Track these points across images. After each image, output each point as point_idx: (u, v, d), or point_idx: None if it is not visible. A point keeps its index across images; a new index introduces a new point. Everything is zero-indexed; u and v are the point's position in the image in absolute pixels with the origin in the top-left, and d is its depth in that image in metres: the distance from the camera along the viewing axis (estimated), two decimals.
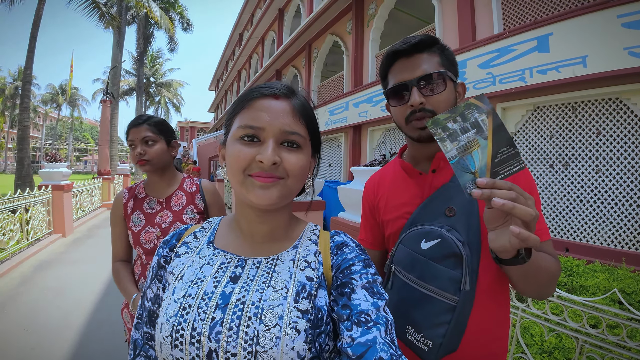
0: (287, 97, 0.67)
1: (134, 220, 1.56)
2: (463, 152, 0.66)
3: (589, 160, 4.33)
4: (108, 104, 14.95)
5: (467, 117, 0.66)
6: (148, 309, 0.71)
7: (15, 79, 42.46)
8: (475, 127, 0.65)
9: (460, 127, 0.66)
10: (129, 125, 1.57)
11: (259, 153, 0.60)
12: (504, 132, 0.65)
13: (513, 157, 0.65)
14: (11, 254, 5.31)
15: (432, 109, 0.89)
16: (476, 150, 0.65)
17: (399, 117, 0.95)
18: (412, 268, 0.90)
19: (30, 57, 10.50)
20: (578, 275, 3.13)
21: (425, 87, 0.89)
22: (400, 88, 0.92)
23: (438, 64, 0.91)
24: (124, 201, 1.60)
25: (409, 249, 0.92)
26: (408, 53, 0.92)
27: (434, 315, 0.84)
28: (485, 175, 0.66)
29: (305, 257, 0.68)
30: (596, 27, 3.92)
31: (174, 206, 1.60)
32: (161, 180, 1.63)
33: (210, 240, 0.74)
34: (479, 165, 0.66)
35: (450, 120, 0.67)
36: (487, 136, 0.65)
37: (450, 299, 0.83)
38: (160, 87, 37.14)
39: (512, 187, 0.63)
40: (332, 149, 11.27)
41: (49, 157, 8.25)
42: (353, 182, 4.01)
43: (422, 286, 0.87)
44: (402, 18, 9.60)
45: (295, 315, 0.57)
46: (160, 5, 21.15)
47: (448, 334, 0.82)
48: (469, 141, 0.66)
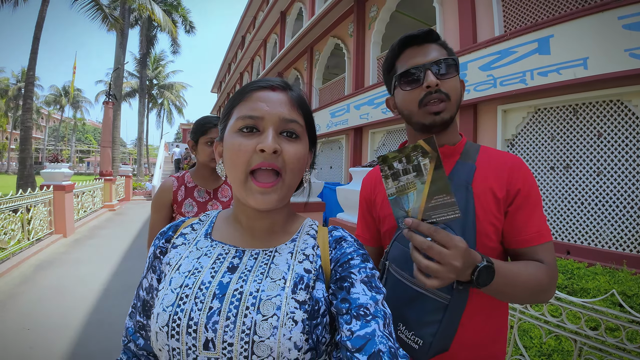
0: (283, 89, 0.68)
1: (187, 207, 1.72)
2: (400, 192, 0.69)
3: (590, 163, 4.31)
4: (110, 106, 14.97)
5: (412, 159, 0.67)
6: (142, 298, 0.71)
7: (19, 80, 42.68)
8: (417, 170, 0.67)
9: (403, 167, 0.68)
10: (210, 124, 1.71)
11: (260, 142, 0.60)
12: (442, 179, 0.66)
13: (449, 205, 0.66)
14: (12, 253, 5.31)
15: (446, 92, 0.88)
16: (412, 192, 0.68)
17: (411, 102, 0.92)
18: (405, 265, 0.88)
19: (34, 58, 10.52)
20: (579, 278, 3.11)
21: (439, 71, 0.89)
22: (414, 71, 0.90)
23: (446, 54, 0.92)
24: (174, 188, 1.73)
25: (403, 246, 0.90)
26: (419, 41, 0.92)
27: (425, 314, 0.83)
28: (417, 216, 0.69)
29: (304, 250, 0.68)
30: (597, 29, 3.92)
31: (221, 197, 1.80)
32: (212, 174, 1.79)
33: (208, 232, 0.74)
34: (413, 206, 0.69)
35: (396, 160, 0.69)
36: (425, 181, 0.67)
37: (442, 298, 0.81)
38: (163, 89, 37.23)
39: (433, 234, 0.65)
40: (333, 151, 11.28)
41: (51, 158, 8.27)
42: (351, 183, 4.00)
43: (415, 284, 0.85)
44: (403, 20, 9.61)
45: (293, 305, 0.58)
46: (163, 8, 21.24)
47: (438, 333, 0.81)
48: (407, 182, 0.68)
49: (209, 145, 1.70)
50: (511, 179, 0.89)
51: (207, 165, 1.74)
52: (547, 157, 4.79)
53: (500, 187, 0.88)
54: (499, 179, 0.89)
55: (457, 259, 0.65)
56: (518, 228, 0.87)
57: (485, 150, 0.97)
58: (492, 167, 0.91)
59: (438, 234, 0.65)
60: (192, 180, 1.78)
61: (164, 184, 1.75)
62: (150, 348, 0.70)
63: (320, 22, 10.94)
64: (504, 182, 0.89)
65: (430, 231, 0.65)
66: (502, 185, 0.88)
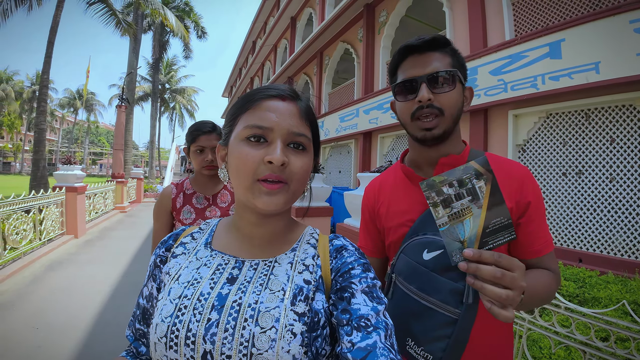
0: (293, 99, 0.67)
1: (185, 214, 1.72)
2: (455, 219, 0.64)
3: (603, 169, 4.23)
4: (123, 109, 15.21)
5: (465, 182, 0.63)
6: (142, 306, 0.71)
7: (33, 82, 43.61)
8: (471, 194, 0.63)
9: (455, 192, 0.64)
10: (199, 132, 1.69)
11: (267, 154, 0.60)
12: (500, 202, 0.62)
13: (505, 227, 0.63)
14: (23, 253, 5.42)
15: (440, 107, 0.87)
16: (468, 219, 0.63)
17: (405, 113, 0.92)
18: (413, 279, 0.87)
19: (48, 62, 10.74)
20: (590, 287, 3.05)
21: (435, 85, 0.87)
22: (410, 83, 0.89)
23: (449, 64, 0.89)
24: (172, 196, 1.75)
25: (410, 259, 0.89)
26: (421, 50, 0.90)
27: (434, 329, 0.81)
28: (474, 244, 0.64)
29: (304, 260, 0.67)
30: (608, 33, 3.86)
31: (220, 203, 1.78)
32: (211, 180, 1.79)
33: (208, 241, 0.73)
34: (469, 234, 0.64)
35: (445, 184, 0.64)
36: (482, 205, 0.62)
37: (451, 312, 0.80)
38: (175, 93, 37.72)
39: (498, 261, 0.61)
40: (342, 155, 11.27)
41: (64, 160, 8.41)
42: (359, 188, 3.99)
43: (423, 298, 0.84)
44: (413, 25, 9.59)
45: (292, 317, 0.57)
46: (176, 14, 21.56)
47: (449, 348, 0.80)
48: (462, 209, 0.63)
49: (199, 153, 1.70)
50: (522, 191, 0.87)
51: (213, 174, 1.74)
52: (558, 163, 4.72)
53: (510, 197, 0.86)
54: (509, 189, 0.87)
55: (523, 280, 0.62)
56: (530, 240, 0.87)
57: (491, 157, 0.94)
58: (500, 176, 0.87)
59: (502, 260, 0.62)
60: (191, 187, 1.79)
61: (163, 192, 1.78)
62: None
63: (330, 27, 10.96)
64: (513, 193, 0.87)
65: (494, 259, 0.62)
66: (512, 195, 0.87)
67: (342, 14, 9.99)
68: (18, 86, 43.53)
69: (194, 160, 1.72)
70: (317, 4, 12.94)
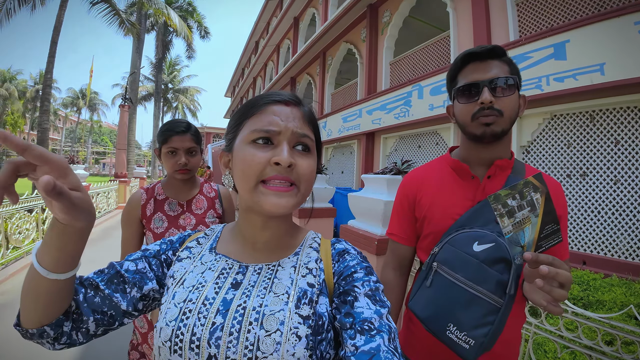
0: (296, 104, 0.68)
1: (156, 222, 1.56)
2: (517, 227, 0.73)
3: (607, 171, 4.22)
4: (126, 109, 15.26)
5: (525, 195, 0.72)
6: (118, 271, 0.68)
7: (36, 82, 43.67)
8: (530, 205, 0.72)
9: (518, 204, 0.73)
10: (171, 132, 1.54)
11: (274, 155, 0.60)
12: (552, 210, 0.72)
13: (555, 232, 0.73)
14: (26, 252, 5.44)
15: (500, 109, 0.94)
16: (528, 227, 0.73)
17: (465, 114, 1.00)
18: (461, 268, 0.92)
19: (51, 61, 10.77)
20: (595, 290, 3.04)
21: (495, 89, 0.95)
22: (472, 87, 0.97)
23: (508, 72, 0.97)
24: (142, 202, 1.58)
25: (459, 250, 0.94)
26: (482, 57, 0.98)
27: (481, 316, 0.87)
28: (531, 248, 0.73)
29: (307, 263, 0.68)
30: (613, 34, 3.85)
31: (195, 209, 1.63)
32: (185, 184, 1.65)
33: (213, 246, 0.74)
34: (528, 240, 0.73)
35: (510, 197, 0.73)
36: (539, 214, 0.72)
37: (496, 302, 0.86)
38: (177, 93, 37.76)
39: (553, 262, 0.69)
40: (344, 155, 11.27)
41: (67, 159, 8.43)
42: (363, 190, 3.97)
43: (471, 287, 0.90)
44: (416, 26, 9.58)
45: (297, 320, 0.57)
46: (179, 14, 21.57)
47: (490, 334, 0.86)
48: (523, 218, 0.73)
49: (171, 155, 1.54)
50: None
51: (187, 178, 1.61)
52: (563, 165, 4.70)
53: None
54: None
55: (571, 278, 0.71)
56: (558, 247, 0.96)
57: (530, 168, 1.06)
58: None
59: (556, 261, 0.70)
60: (163, 192, 1.63)
61: (131, 198, 1.61)
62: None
63: (333, 28, 10.97)
64: None
65: (549, 260, 0.69)
66: None
67: (345, 14, 9.99)
68: (21, 85, 43.66)
69: (166, 164, 1.56)
70: (320, 4, 12.95)
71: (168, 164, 1.56)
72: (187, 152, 1.57)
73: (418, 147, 7.84)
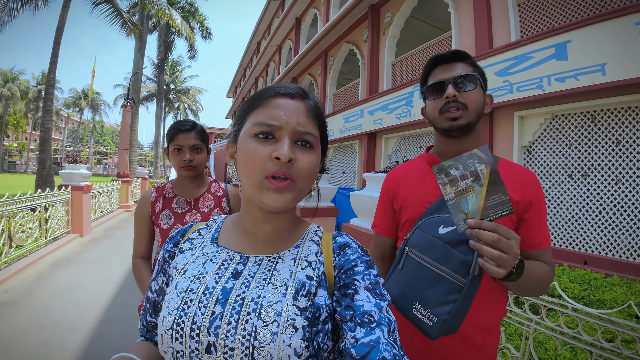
0: (301, 98, 0.68)
1: (163, 219, 1.63)
2: (459, 195, 0.76)
3: (609, 171, 4.22)
4: (129, 109, 15.29)
5: (468, 165, 0.75)
6: (153, 300, 0.73)
7: (39, 82, 43.83)
8: (474, 175, 0.75)
9: (461, 174, 0.75)
10: (176, 130, 1.62)
11: (275, 150, 0.61)
12: (498, 181, 0.74)
13: (503, 203, 0.74)
14: (29, 251, 5.44)
15: (464, 102, 1.03)
16: (471, 195, 0.75)
17: (434, 110, 1.09)
18: (428, 250, 0.98)
19: (54, 61, 10.77)
20: (596, 289, 3.04)
21: (459, 85, 1.04)
22: (439, 85, 1.07)
23: (471, 71, 1.07)
24: (152, 199, 1.67)
25: (427, 233, 1.00)
26: (447, 60, 1.09)
27: (443, 294, 0.91)
28: (476, 216, 0.77)
29: (307, 256, 0.69)
30: (614, 35, 3.86)
31: (202, 207, 1.69)
32: (192, 183, 1.71)
33: (214, 237, 0.75)
34: (472, 208, 0.76)
35: (453, 168, 0.76)
36: (483, 184, 0.74)
37: (459, 281, 0.90)
38: (179, 93, 37.86)
39: (496, 229, 0.76)
40: (346, 156, 11.28)
41: (69, 159, 8.46)
42: (365, 189, 3.99)
43: (436, 267, 0.94)
44: (418, 26, 9.59)
45: (294, 312, 0.58)
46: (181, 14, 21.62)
47: (453, 311, 0.89)
48: (466, 187, 0.76)
49: (177, 152, 1.62)
50: (527, 190, 1.03)
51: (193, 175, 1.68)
52: (564, 165, 4.70)
53: (516, 194, 1.01)
54: (515, 187, 1.02)
55: (517, 247, 0.77)
56: (532, 233, 1.02)
57: (503, 161, 1.09)
58: (509, 175, 1.02)
59: (500, 229, 0.76)
60: (172, 190, 1.71)
61: (143, 195, 1.70)
62: None
63: (335, 28, 10.97)
64: (519, 191, 1.02)
65: (493, 227, 0.75)
66: (518, 192, 1.02)
67: (347, 14, 10.00)
68: (24, 85, 43.79)
69: (172, 161, 1.65)
70: (322, 5, 12.97)
71: (174, 161, 1.64)
72: (192, 149, 1.63)
73: (420, 148, 7.84)
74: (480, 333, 1.02)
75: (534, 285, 0.95)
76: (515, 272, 0.80)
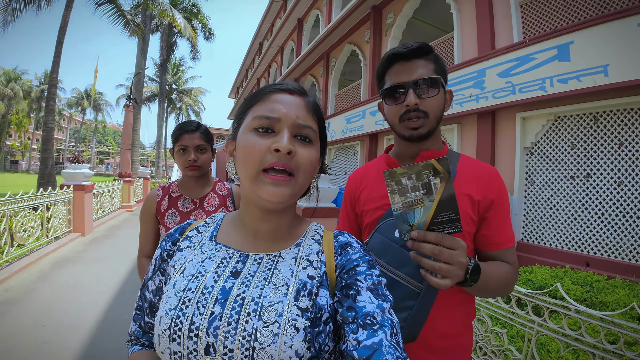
0: (300, 94, 0.68)
1: (169, 217, 1.66)
2: (407, 207, 0.71)
3: (611, 172, 4.21)
4: (131, 109, 15.33)
5: (422, 177, 0.69)
6: (149, 300, 0.72)
7: (41, 82, 43.91)
8: (426, 188, 0.69)
9: (412, 185, 0.70)
10: (181, 131, 1.65)
11: (275, 142, 0.61)
12: (451, 199, 0.68)
13: (452, 221, 0.70)
14: (30, 250, 5.46)
15: (425, 110, 0.96)
16: (419, 209, 0.70)
17: (393, 115, 1.02)
18: (384, 254, 0.94)
19: (57, 61, 10.78)
20: (598, 291, 3.03)
21: (420, 90, 0.96)
22: (397, 88, 0.98)
23: (433, 71, 0.98)
24: (157, 199, 1.70)
25: (384, 237, 0.97)
26: (406, 57, 0.99)
27: (398, 300, 0.86)
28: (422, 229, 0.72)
29: (308, 255, 0.68)
30: (617, 36, 3.85)
31: (207, 207, 1.72)
32: (197, 182, 1.74)
33: (213, 235, 0.74)
34: (418, 221, 0.72)
35: (405, 177, 0.70)
36: (434, 199, 0.69)
37: (415, 286, 0.87)
38: (182, 94, 37.91)
39: (441, 241, 0.71)
40: (348, 157, 11.27)
41: (72, 159, 8.48)
42: None
43: (391, 271, 0.91)
44: (420, 27, 9.58)
45: (295, 313, 0.57)
46: (184, 15, 21.68)
47: (409, 319, 0.87)
48: (415, 199, 0.70)
49: (182, 152, 1.65)
50: (488, 188, 0.98)
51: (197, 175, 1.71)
52: (566, 166, 4.69)
53: (477, 192, 0.97)
54: (477, 185, 0.98)
55: (463, 257, 0.72)
56: (493, 232, 0.98)
57: (464, 158, 1.06)
58: (470, 173, 1.00)
59: (445, 240, 0.71)
60: (178, 189, 1.74)
61: (149, 195, 1.73)
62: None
63: (337, 29, 10.99)
64: (481, 189, 0.97)
65: (437, 238, 0.71)
66: (479, 191, 0.97)
67: (349, 15, 10.01)
68: (26, 85, 43.87)
69: (177, 161, 1.68)
70: (324, 6, 12.98)
71: (179, 161, 1.67)
72: (197, 149, 1.66)
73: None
74: (443, 339, 0.97)
75: (495, 288, 0.92)
76: (470, 277, 0.76)
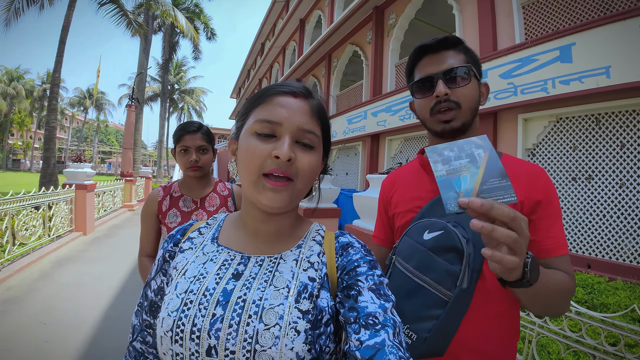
0: (305, 97, 0.67)
1: (170, 217, 1.67)
2: (452, 174, 0.64)
3: (613, 174, 4.20)
4: (133, 109, 15.38)
5: (464, 148, 0.65)
6: (150, 299, 0.71)
7: (44, 81, 44.01)
8: (470, 157, 0.64)
9: (455, 155, 0.65)
10: (183, 131, 1.67)
11: (275, 148, 0.60)
12: (497, 164, 0.62)
13: (505, 188, 0.60)
14: (32, 249, 5.47)
15: (457, 100, 0.89)
16: (465, 174, 0.63)
17: (424, 109, 0.96)
18: (411, 258, 0.89)
19: (59, 61, 10.79)
20: (599, 293, 3.03)
21: (450, 80, 0.90)
22: (427, 81, 0.92)
23: (463, 61, 0.92)
24: (159, 198, 1.70)
25: (412, 240, 0.91)
26: (435, 49, 0.93)
27: (423, 308, 0.82)
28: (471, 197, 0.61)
29: (309, 257, 0.67)
30: (619, 37, 3.84)
31: (208, 207, 1.73)
32: (199, 182, 1.75)
33: (215, 236, 0.74)
34: (466, 187, 0.62)
35: (447, 149, 0.66)
36: (480, 166, 0.62)
37: (444, 294, 0.80)
38: (183, 93, 38.03)
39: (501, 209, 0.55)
40: (349, 157, 11.27)
41: (74, 158, 8.50)
42: (368, 190, 3.99)
43: (417, 276, 0.85)
44: (422, 28, 9.57)
45: (296, 315, 0.57)
46: (186, 15, 21.71)
47: (434, 329, 0.79)
48: (460, 166, 0.64)
49: (183, 153, 1.66)
50: (533, 187, 0.86)
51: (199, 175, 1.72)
52: (568, 168, 4.69)
53: (521, 192, 0.84)
54: (520, 185, 0.85)
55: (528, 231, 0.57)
56: (542, 237, 0.84)
57: (506, 157, 0.95)
58: (513, 172, 0.86)
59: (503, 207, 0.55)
60: (179, 189, 1.74)
61: (150, 194, 1.74)
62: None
63: (339, 30, 10.99)
64: (525, 189, 0.85)
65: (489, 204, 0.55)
66: (523, 191, 0.85)
67: (351, 16, 10.01)
68: (29, 84, 44.01)
69: (179, 161, 1.69)
70: (326, 6, 12.98)
71: (181, 161, 1.68)
72: (198, 150, 1.68)
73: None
74: (483, 357, 0.84)
75: (554, 298, 0.75)
76: (530, 272, 0.61)
